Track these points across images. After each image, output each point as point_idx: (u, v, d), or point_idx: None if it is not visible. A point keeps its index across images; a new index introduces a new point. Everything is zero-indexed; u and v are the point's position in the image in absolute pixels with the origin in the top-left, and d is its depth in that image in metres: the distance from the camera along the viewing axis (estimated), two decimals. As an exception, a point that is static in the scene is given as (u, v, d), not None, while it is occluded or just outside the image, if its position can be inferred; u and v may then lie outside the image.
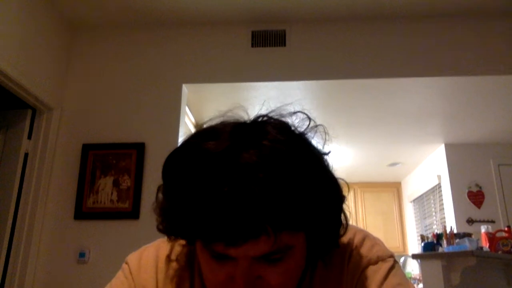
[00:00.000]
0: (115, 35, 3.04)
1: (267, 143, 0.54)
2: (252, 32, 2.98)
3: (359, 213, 5.61)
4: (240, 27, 3.00)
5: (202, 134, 0.58)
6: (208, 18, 2.97)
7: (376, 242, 0.70)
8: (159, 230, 0.63)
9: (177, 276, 0.69)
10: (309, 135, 0.61)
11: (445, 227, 3.20)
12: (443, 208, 4.34)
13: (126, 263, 0.73)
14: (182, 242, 0.71)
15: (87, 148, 2.74)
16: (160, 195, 0.61)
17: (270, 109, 0.62)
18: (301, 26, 2.99)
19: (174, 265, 0.70)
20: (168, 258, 0.71)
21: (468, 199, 4.07)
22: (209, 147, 0.54)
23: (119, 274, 0.72)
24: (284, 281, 0.57)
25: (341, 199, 0.61)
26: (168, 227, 0.61)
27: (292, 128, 0.60)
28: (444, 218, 4.28)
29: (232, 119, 0.61)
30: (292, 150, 0.54)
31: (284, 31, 2.97)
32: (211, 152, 0.53)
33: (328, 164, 0.61)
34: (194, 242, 0.62)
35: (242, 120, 0.61)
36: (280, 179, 0.51)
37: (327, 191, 0.58)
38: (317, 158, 0.59)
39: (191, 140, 0.58)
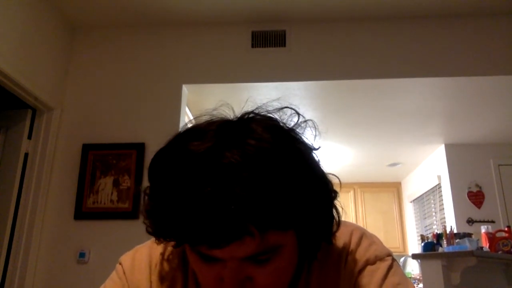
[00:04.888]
0: (115, 35, 3.04)
1: (252, 141, 0.52)
2: (252, 32, 2.98)
3: (359, 213, 5.61)
4: (240, 27, 3.00)
5: (187, 134, 0.57)
6: (208, 18, 2.97)
7: (373, 240, 0.69)
8: (148, 232, 0.63)
9: (171, 277, 0.69)
10: (298, 130, 0.60)
11: (445, 227, 3.20)
12: (443, 208, 4.34)
13: (120, 263, 0.72)
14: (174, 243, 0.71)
15: (87, 148, 2.74)
16: (147, 197, 0.61)
17: (257, 105, 0.61)
18: (301, 27, 2.99)
19: (167, 265, 0.70)
20: (162, 259, 0.70)
21: (468, 199, 4.07)
22: (192, 148, 0.53)
23: (113, 274, 0.72)
24: (274, 281, 0.57)
25: (330, 194, 0.60)
26: (156, 229, 0.61)
27: (281, 124, 0.59)
28: (444, 218, 4.28)
29: (218, 117, 0.60)
30: (277, 147, 0.53)
31: (284, 31, 2.98)
32: (194, 152, 0.52)
33: (316, 160, 0.59)
34: (181, 243, 0.61)
35: (228, 118, 0.59)
36: (263, 178, 0.50)
37: (314, 188, 0.56)
38: (304, 155, 0.57)
39: (176, 140, 0.58)
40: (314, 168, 0.58)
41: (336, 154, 4.55)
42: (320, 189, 0.58)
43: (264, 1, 2.80)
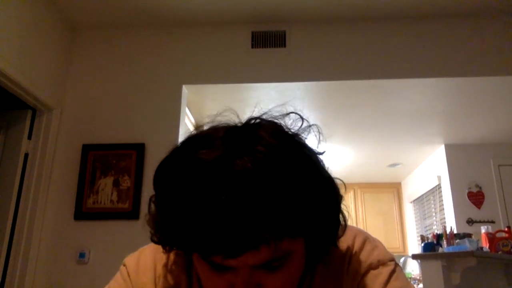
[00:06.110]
0: (115, 36, 3.04)
1: (261, 148, 0.52)
2: (252, 32, 2.98)
3: (359, 214, 5.61)
4: (240, 27, 3.00)
5: (194, 142, 0.56)
6: (208, 19, 2.97)
7: (376, 245, 0.69)
8: (154, 241, 0.62)
9: (175, 280, 0.69)
10: (303, 135, 0.60)
11: (445, 227, 3.20)
12: (443, 209, 4.33)
13: (124, 265, 0.72)
14: None
15: (87, 149, 2.74)
16: (153, 207, 0.60)
17: (262, 111, 0.61)
18: (301, 27, 2.99)
19: (172, 268, 0.70)
20: (167, 261, 0.70)
21: (468, 199, 4.07)
22: (202, 156, 0.52)
23: (117, 276, 0.72)
24: (284, 287, 0.57)
25: (338, 199, 0.60)
26: (163, 239, 0.60)
27: (285, 129, 0.59)
28: (444, 218, 4.28)
29: (223, 123, 0.59)
30: (286, 154, 0.53)
31: (284, 32, 2.97)
32: (204, 161, 0.52)
33: (323, 164, 0.60)
34: (191, 253, 0.61)
35: (233, 123, 0.59)
36: (276, 185, 0.50)
37: (325, 192, 0.57)
38: (312, 160, 0.57)
39: (183, 148, 0.57)
40: (322, 173, 0.58)
41: (336, 155, 4.56)
42: (329, 194, 0.58)
43: (264, 1, 2.80)
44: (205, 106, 3.23)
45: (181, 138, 2.74)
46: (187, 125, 3.15)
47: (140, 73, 2.95)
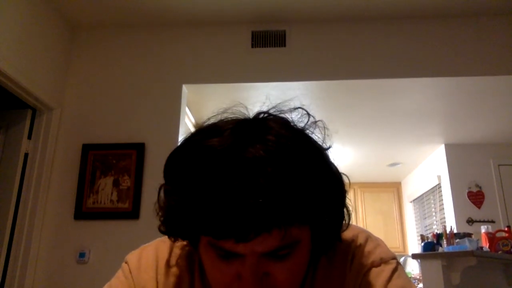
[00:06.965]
0: (115, 35, 3.04)
1: (272, 137, 0.54)
2: (252, 32, 2.98)
3: (359, 213, 5.61)
4: (240, 27, 3.00)
5: (204, 132, 0.58)
6: (208, 18, 2.97)
7: (378, 243, 0.69)
8: (161, 231, 0.63)
9: (177, 277, 0.69)
10: (309, 130, 0.62)
11: (445, 227, 3.20)
12: (443, 208, 4.34)
13: (126, 262, 0.72)
14: (181, 244, 0.70)
15: (87, 148, 2.74)
16: (162, 195, 0.61)
17: (270, 106, 0.62)
18: (301, 27, 2.99)
19: (174, 265, 0.70)
20: (168, 259, 0.70)
21: (468, 199, 4.07)
22: (213, 144, 0.54)
23: (119, 273, 0.72)
24: (291, 277, 0.57)
25: (344, 192, 0.62)
26: (172, 227, 0.61)
27: (292, 124, 0.60)
28: (444, 218, 4.28)
29: (232, 116, 0.61)
30: (296, 144, 0.55)
31: (284, 31, 2.98)
32: (216, 148, 0.53)
33: (331, 158, 0.61)
34: (197, 242, 0.61)
35: (243, 117, 0.61)
36: (288, 172, 0.51)
37: (332, 184, 0.58)
38: (321, 151, 0.60)
39: (193, 138, 0.58)
40: (331, 165, 0.60)
41: (336, 154, 4.55)
42: (336, 185, 0.60)
43: (264, 1, 2.80)
44: (205, 106, 3.23)
45: (181, 137, 2.75)
46: (187, 125, 3.15)
47: (140, 73, 2.95)
